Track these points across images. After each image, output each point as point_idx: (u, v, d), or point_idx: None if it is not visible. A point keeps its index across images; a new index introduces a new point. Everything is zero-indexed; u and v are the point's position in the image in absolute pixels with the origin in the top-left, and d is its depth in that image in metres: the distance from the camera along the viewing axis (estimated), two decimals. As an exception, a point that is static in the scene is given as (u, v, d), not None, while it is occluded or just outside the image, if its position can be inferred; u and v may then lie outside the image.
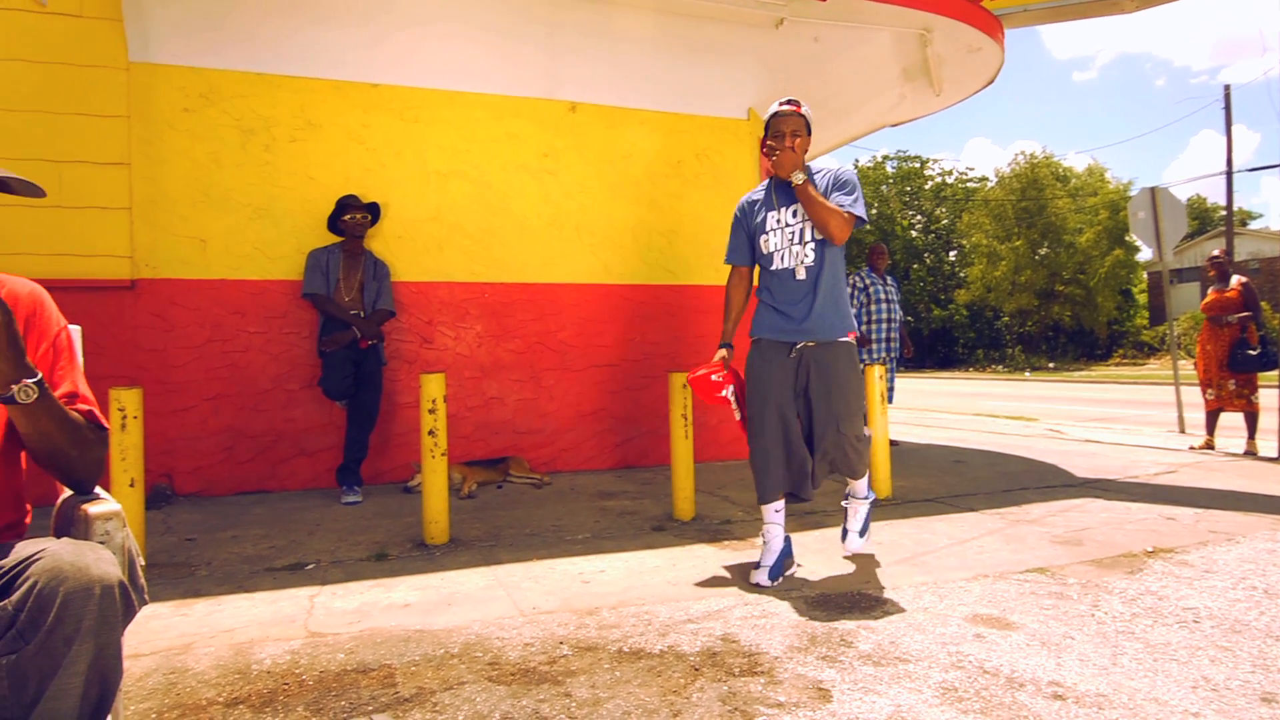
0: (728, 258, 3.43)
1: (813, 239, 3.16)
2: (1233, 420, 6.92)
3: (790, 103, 3.22)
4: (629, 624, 2.67)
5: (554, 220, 6.07)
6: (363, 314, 4.99)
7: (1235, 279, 6.82)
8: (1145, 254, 32.53)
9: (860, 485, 3.41)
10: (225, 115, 5.23)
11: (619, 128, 6.26)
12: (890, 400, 6.28)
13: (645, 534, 4.01)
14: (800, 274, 3.18)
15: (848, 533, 3.41)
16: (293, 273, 5.24)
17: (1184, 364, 12.91)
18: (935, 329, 38.34)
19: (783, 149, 3.14)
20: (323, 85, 5.45)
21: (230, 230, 5.21)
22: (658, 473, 5.83)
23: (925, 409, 12.74)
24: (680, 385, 4.23)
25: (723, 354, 3.29)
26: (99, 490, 1.54)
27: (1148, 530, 3.91)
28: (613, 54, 6.06)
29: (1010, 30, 7.20)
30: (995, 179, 38.56)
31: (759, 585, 3.07)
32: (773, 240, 3.24)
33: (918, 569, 3.30)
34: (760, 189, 3.38)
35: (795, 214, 3.19)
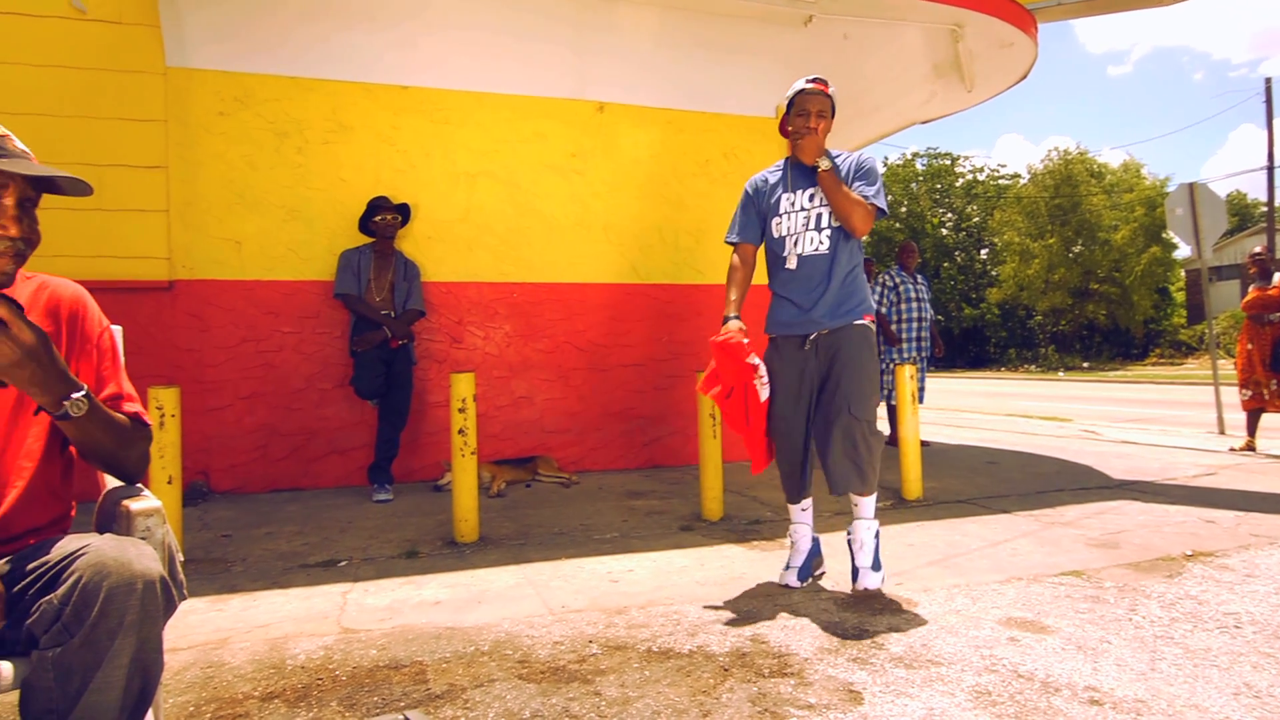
0: (732, 235, 3.20)
1: (829, 225, 3.00)
2: (1275, 421, 6.76)
3: (817, 81, 3.03)
4: (658, 624, 2.67)
5: (581, 220, 6.09)
6: (393, 314, 5.04)
7: (1277, 276, 6.66)
8: (1183, 251, 31.84)
9: (867, 505, 3.01)
10: (259, 118, 5.31)
11: (646, 127, 6.26)
12: (921, 400, 6.22)
13: (673, 534, 4.01)
14: (813, 261, 3.02)
15: (859, 571, 2.98)
16: (325, 273, 5.30)
17: (1223, 364, 12.63)
18: (966, 328, 37.87)
19: (808, 131, 2.98)
20: (354, 88, 5.52)
21: (264, 232, 5.30)
22: (685, 472, 5.83)
23: (956, 409, 12.59)
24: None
25: (739, 325, 2.97)
26: (139, 486, 1.58)
27: (1187, 533, 3.83)
28: (640, 53, 6.07)
29: (1043, 24, 7.08)
30: (1028, 176, 38.03)
31: (788, 586, 3.05)
32: (785, 224, 3.07)
33: (949, 571, 3.27)
34: (775, 168, 3.20)
35: (811, 198, 3.03)
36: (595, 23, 5.80)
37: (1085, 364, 31.24)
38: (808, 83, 3.03)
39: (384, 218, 5.06)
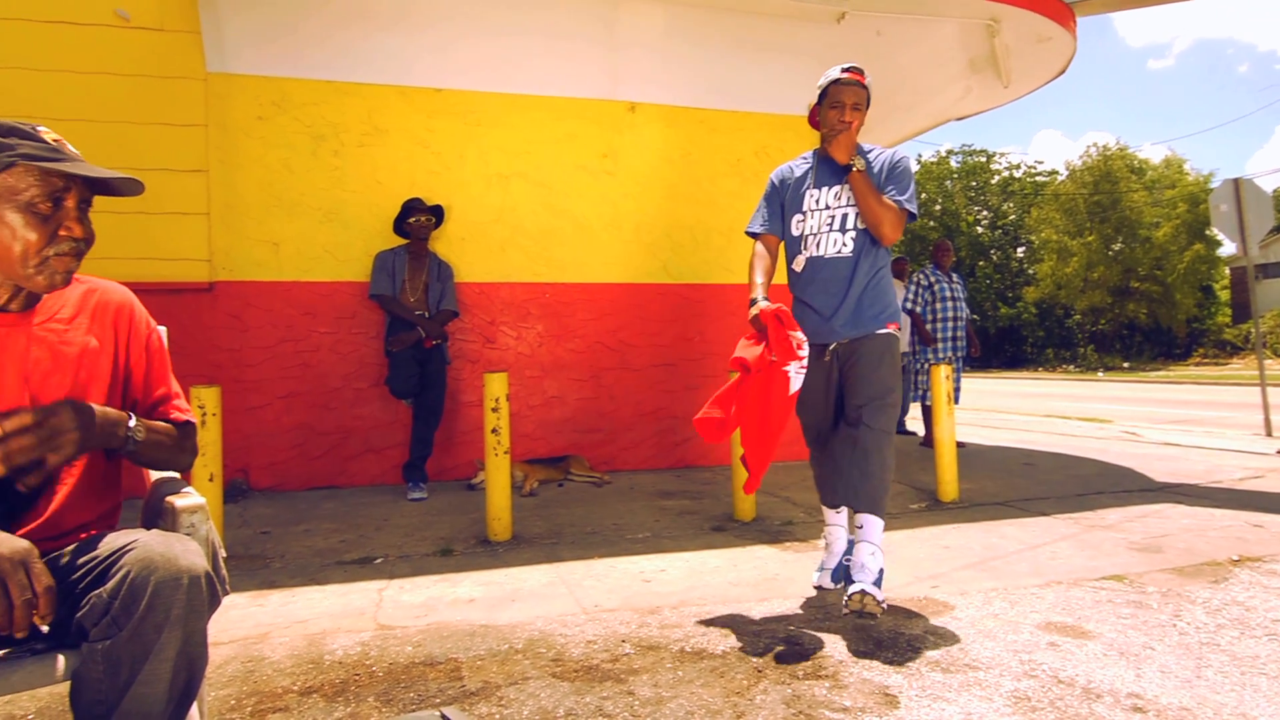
0: (754, 226, 2.99)
1: (854, 227, 2.81)
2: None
3: (852, 70, 2.79)
4: (690, 624, 2.67)
5: (613, 220, 6.10)
6: (428, 314, 5.09)
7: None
8: (1228, 248, 31.05)
9: (873, 527, 2.73)
10: (296, 122, 5.40)
11: (678, 127, 6.25)
12: (956, 401, 6.13)
13: (705, 534, 4.00)
14: (835, 265, 2.82)
15: (854, 582, 2.67)
16: (361, 274, 5.38)
17: (1270, 363, 12.29)
18: (1002, 327, 37.30)
19: (842, 126, 2.76)
20: (389, 91, 5.59)
21: (301, 234, 5.38)
22: (717, 473, 5.81)
23: (992, 409, 12.40)
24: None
25: (761, 306, 2.70)
26: (184, 483, 1.62)
27: (1233, 538, 3.73)
28: (672, 53, 6.06)
29: (1082, 18, 6.96)
30: (1066, 172, 37.35)
31: (822, 588, 3.03)
32: (809, 222, 2.87)
33: (987, 574, 3.22)
34: (802, 161, 2.99)
35: (838, 196, 2.84)
36: (627, 23, 5.81)
37: (1125, 364, 30.62)
38: (842, 71, 2.80)
39: (418, 219, 5.11)
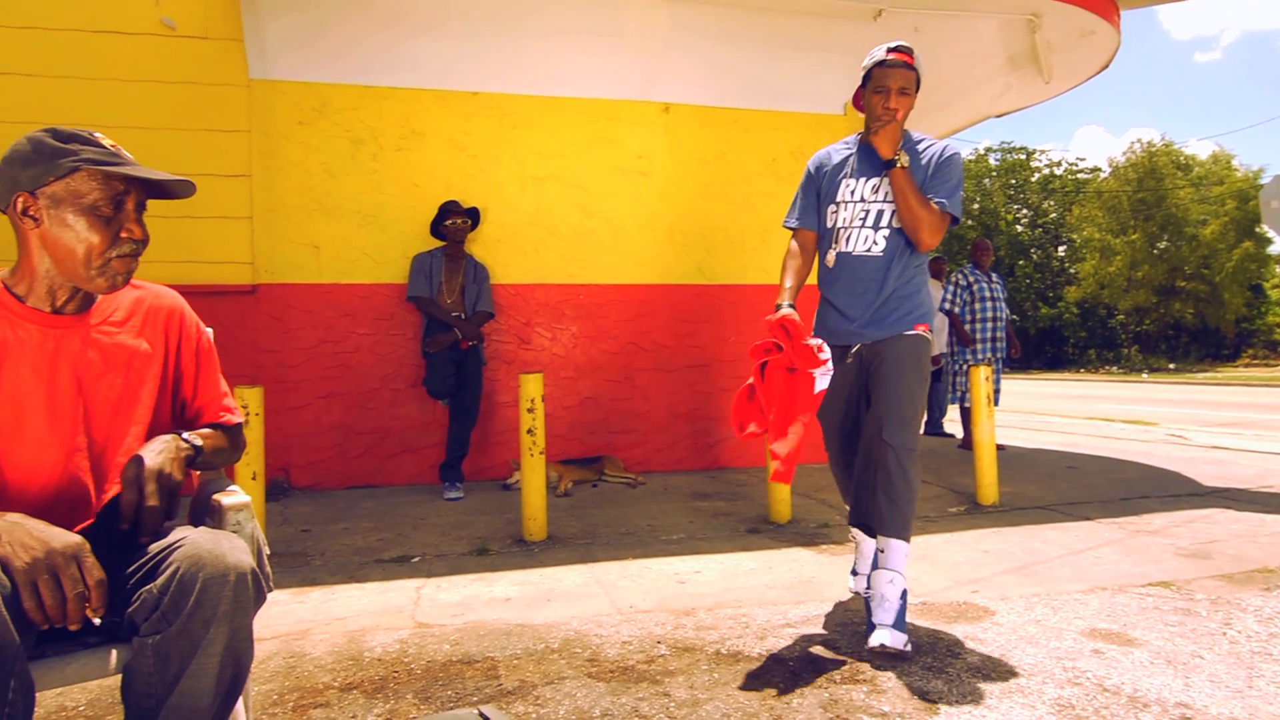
0: (790, 219, 2.80)
1: (889, 225, 2.60)
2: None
3: (899, 50, 2.53)
4: (726, 626, 2.66)
5: (647, 221, 6.10)
6: (464, 316, 5.14)
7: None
8: (1279, 246, 30.23)
9: (896, 552, 2.46)
10: (336, 127, 5.48)
11: (712, 127, 6.24)
12: (996, 403, 6.03)
13: (740, 536, 3.98)
14: (863, 263, 2.61)
15: (875, 627, 2.39)
16: (399, 276, 5.45)
17: (1325, 365, 11.88)
18: (1043, 328, 36.58)
19: (886, 116, 2.51)
20: (426, 95, 5.65)
21: (341, 236, 5.47)
22: (751, 474, 5.78)
23: (1033, 411, 12.17)
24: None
25: (790, 312, 2.51)
26: (229, 481, 1.66)
27: (1286, 544, 3.62)
28: (706, 53, 6.05)
29: (1126, 11, 6.80)
30: (1109, 169, 36.52)
31: (858, 592, 2.98)
32: (841, 215, 2.65)
33: (1028, 579, 3.16)
34: (844, 145, 2.76)
35: (875, 190, 2.61)
36: (661, 24, 5.80)
37: (1171, 365, 29.87)
38: (888, 52, 2.53)
39: (454, 221, 5.16)
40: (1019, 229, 39.23)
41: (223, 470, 1.73)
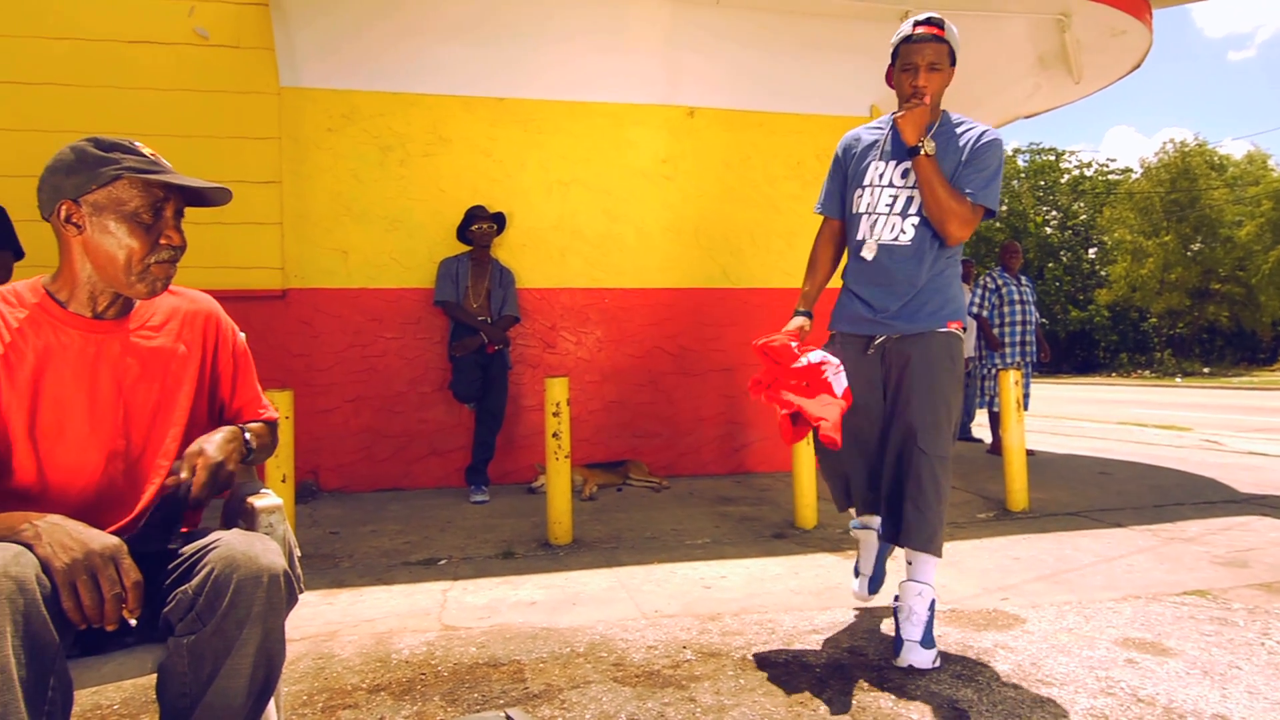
0: (818, 205, 2.69)
1: (918, 213, 2.42)
2: None
3: (928, 22, 2.33)
4: (752, 631, 2.65)
5: (672, 225, 6.11)
6: (490, 320, 5.17)
7: None
8: (1318, 248, 29.52)
9: (924, 565, 2.39)
10: (365, 134, 5.55)
11: (737, 131, 6.23)
12: (1026, 407, 5.95)
13: (766, 540, 3.97)
14: (891, 253, 2.45)
15: (903, 643, 2.33)
16: (425, 281, 5.49)
17: (1367, 369, 11.59)
18: (1073, 331, 36.03)
19: (914, 98, 2.34)
20: (452, 101, 5.70)
21: (369, 242, 5.53)
22: (777, 479, 5.76)
23: (1063, 416, 12.00)
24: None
25: (799, 323, 2.53)
26: (261, 483, 1.68)
27: (1327, 553, 3.54)
28: (731, 56, 6.04)
29: (1158, 10, 6.69)
30: (1140, 170, 35.91)
31: (859, 593, 2.76)
32: (866, 199, 2.49)
33: (1059, 587, 3.12)
34: (877, 124, 2.58)
35: (905, 175, 2.44)
36: (685, 28, 5.80)
37: (1205, 369, 29.29)
38: (915, 26, 2.34)
39: (480, 226, 5.20)
40: (1048, 231, 38.68)
41: (254, 473, 1.76)
